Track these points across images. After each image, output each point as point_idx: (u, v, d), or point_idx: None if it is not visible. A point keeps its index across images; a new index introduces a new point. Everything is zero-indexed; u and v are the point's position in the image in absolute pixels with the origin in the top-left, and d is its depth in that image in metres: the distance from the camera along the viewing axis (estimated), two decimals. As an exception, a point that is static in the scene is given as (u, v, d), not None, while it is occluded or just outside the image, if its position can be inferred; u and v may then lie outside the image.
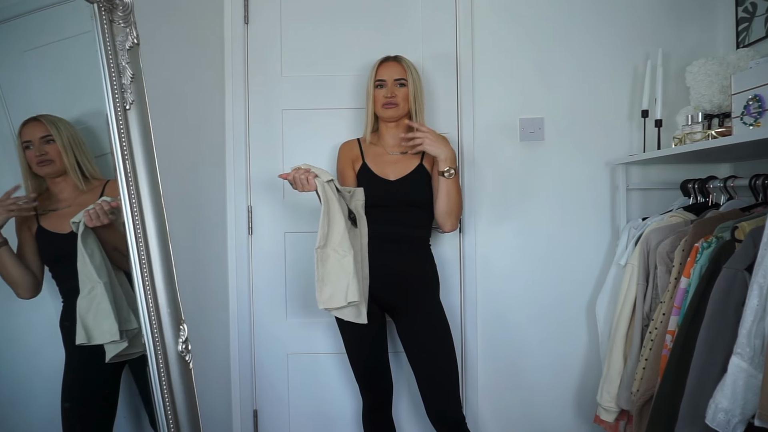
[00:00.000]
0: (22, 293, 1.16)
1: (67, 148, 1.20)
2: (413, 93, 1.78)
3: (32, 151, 1.17)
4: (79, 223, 1.19)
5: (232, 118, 2.10)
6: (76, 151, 1.21)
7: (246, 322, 2.13)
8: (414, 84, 1.78)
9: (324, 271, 1.62)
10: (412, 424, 2.13)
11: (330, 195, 1.61)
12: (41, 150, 1.17)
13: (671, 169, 2.07)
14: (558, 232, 2.09)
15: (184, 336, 1.28)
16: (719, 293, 1.30)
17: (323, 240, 1.61)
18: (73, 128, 1.21)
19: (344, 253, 1.60)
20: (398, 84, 1.77)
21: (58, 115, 1.19)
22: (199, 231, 1.89)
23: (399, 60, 1.80)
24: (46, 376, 1.20)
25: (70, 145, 1.20)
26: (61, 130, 1.19)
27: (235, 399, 2.13)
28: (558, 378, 2.11)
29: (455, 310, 2.09)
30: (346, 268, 1.60)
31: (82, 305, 1.18)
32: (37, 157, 1.17)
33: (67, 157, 1.20)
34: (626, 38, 2.06)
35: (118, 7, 1.22)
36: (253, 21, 2.11)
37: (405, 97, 1.78)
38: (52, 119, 1.18)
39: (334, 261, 1.61)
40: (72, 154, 1.21)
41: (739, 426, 1.19)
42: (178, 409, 1.27)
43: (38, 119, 1.17)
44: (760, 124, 1.36)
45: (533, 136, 2.09)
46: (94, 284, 1.20)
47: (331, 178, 1.63)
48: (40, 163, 1.17)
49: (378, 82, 1.79)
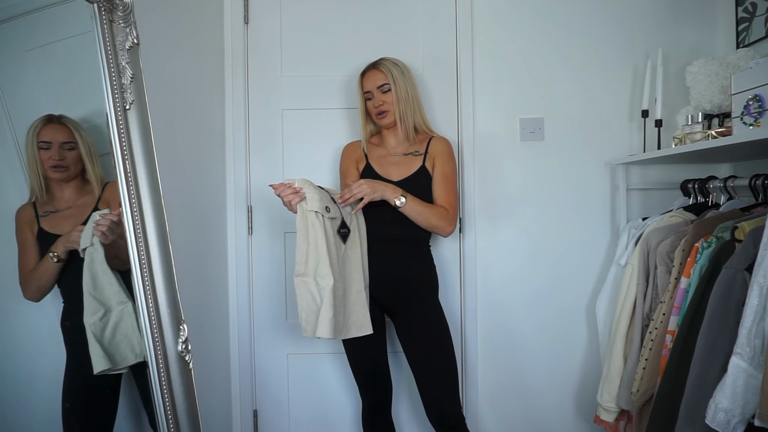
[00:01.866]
0: (36, 297, 1.15)
1: (88, 156, 1.20)
2: (396, 97, 1.76)
3: (49, 153, 1.15)
4: (87, 248, 1.16)
5: (232, 118, 2.10)
6: (94, 157, 1.21)
7: (246, 322, 2.13)
8: (397, 86, 1.75)
9: (303, 299, 1.54)
10: (412, 426, 2.13)
11: (310, 223, 1.53)
12: (60, 155, 1.15)
13: (671, 169, 2.07)
14: (558, 232, 2.09)
15: (184, 336, 1.28)
16: (719, 293, 1.30)
17: (302, 267, 1.54)
18: (89, 134, 1.21)
19: (323, 283, 1.52)
20: (382, 91, 1.77)
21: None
22: (199, 231, 1.89)
23: (378, 66, 1.78)
24: (47, 376, 1.20)
25: (90, 153, 1.20)
26: (83, 136, 1.18)
27: (235, 399, 2.13)
28: (558, 378, 2.11)
29: (455, 311, 2.09)
30: (321, 298, 1.52)
31: (95, 329, 1.16)
32: (53, 161, 1.15)
33: (91, 164, 1.20)
34: (626, 38, 2.06)
35: (118, 7, 1.22)
36: (253, 21, 2.11)
37: (392, 102, 1.77)
38: (75, 124, 1.17)
39: (313, 289, 1.54)
40: (91, 160, 1.21)
41: (739, 426, 1.19)
42: (178, 409, 1.27)
43: (63, 123, 1.15)
44: (760, 124, 1.36)
45: (533, 136, 2.08)
46: (110, 308, 1.18)
47: (317, 209, 1.54)
48: (56, 167, 1.16)
49: (366, 95, 1.80)
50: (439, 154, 1.80)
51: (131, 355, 1.23)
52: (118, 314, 1.21)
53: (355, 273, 1.63)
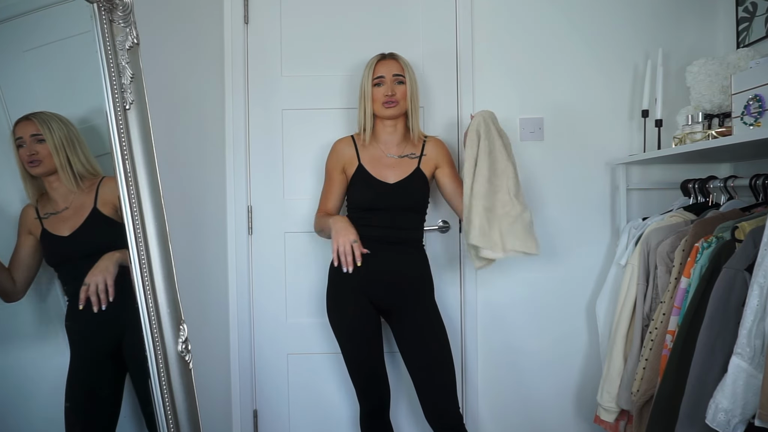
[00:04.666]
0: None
1: (59, 148, 1.17)
2: (410, 91, 1.76)
3: (24, 150, 1.15)
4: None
5: (232, 118, 2.10)
6: (68, 150, 1.18)
7: (246, 322, 2.13)
8: (411, 82, 1.77)
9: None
10: (411, 426, 2.12)
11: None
12: (32, 149, 1.15)
13: (671, 169, 2.07)
14: (558, 232, 2.09)
15: (184, 336, 1.28)
16: (719, 293, 1.30)
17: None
18: (68, 126, 1.19)
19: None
20: (397, 81, 1.75)
21: (58, 114, 1.18)
22: (199, 231, 1.89)
23: (396, 57, 1.79)
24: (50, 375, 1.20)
25: (62, 145, 1.17)
26: (53, 129, 1.16)
27: (235, 399, 2.13)
28: (558, 378, 2.11)
29: (455, 311, 2.09)
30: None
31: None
32: (28, 156, 1.15)
33: (57, 156, 1.17)
34: (626, 38, 2.06)
35: (118, 7, 1.22)
36: (253, 21, 2.11)
37: (404, 95, 1.75)
38: (44, 117, 1.16)
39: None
40: (64, 154, 1.18)
41: (739, 426, 1.19)
42: (178, 409, 1.27)
43: (30, 118, 1.14)
44: (760, 124, 1.36)
45: (533, 136, 2.08)
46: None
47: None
48: (30, 162, 1.15)
49: (376, 80, 1.75)
50: (441, 155, 1.81)
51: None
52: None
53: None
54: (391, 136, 1.81)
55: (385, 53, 1.80)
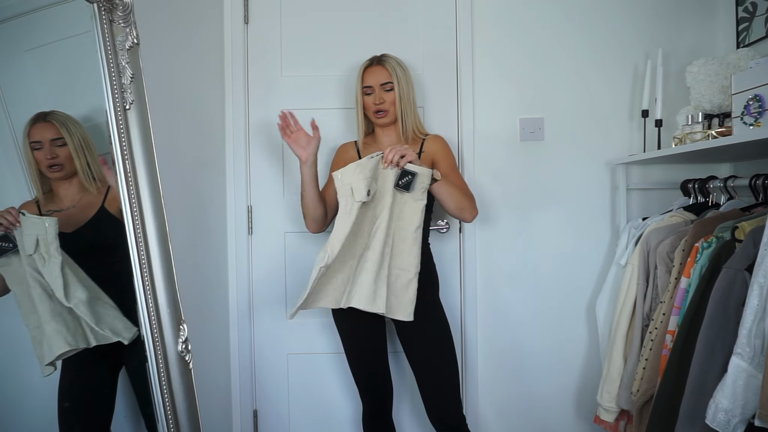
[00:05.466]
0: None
1: (79, 151, 1.18)
2: (398, 96, 1.75)
3: (42, 153, 1.15)
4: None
5: (232, 118, 2.10)
6: (87, 153, 1.20)
7: (246, 322, 2.13)
8: (399, 86, 1.75)
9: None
10: (413, 426, 2.13)
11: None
12: (52, 153, 1.15)
13: (671, 169, 2.07)
14: (558, 232, 2.09)
15: (184, 336, 1.28)
16: (719, 293, 1.30)
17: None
18: (82, 127, 1.20)
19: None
20: (385, 89, 1.75)
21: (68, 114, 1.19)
22: (199, 231, 1.89)
23: (383, 62, 1.76)
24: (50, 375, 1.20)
25: (81, 147, 1.18)
26: (72, 131, 1.17)
27: (235, 399, 2.13)
28: (558, 378, 2.11)
29: (456, 310, 2.09)
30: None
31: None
32: (48, 160, 1.15)
33: (78, 160, 1.18)
34: (626, 38, 2.06)
35: (118, 7, 1.22)
36: (253, 21, 2.11)
37: (393, 102, 1.76)
38: (62, 120, 1.16)
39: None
40: (83, 156, 1.19)
41: (739, 426, 1.19)
42: (178, 409, 1.27)
43: (49, 120, 1.15)
44: (760, 124, 1.36)
45: (533, 136, 2.08)
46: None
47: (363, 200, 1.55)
48: (52, 167, 1.16)
49: (365, 89, 1.77)
50: (439, 152, 1.80)
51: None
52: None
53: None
54: (389, 138, 1.83)
55: (374, 58, 1.79)
